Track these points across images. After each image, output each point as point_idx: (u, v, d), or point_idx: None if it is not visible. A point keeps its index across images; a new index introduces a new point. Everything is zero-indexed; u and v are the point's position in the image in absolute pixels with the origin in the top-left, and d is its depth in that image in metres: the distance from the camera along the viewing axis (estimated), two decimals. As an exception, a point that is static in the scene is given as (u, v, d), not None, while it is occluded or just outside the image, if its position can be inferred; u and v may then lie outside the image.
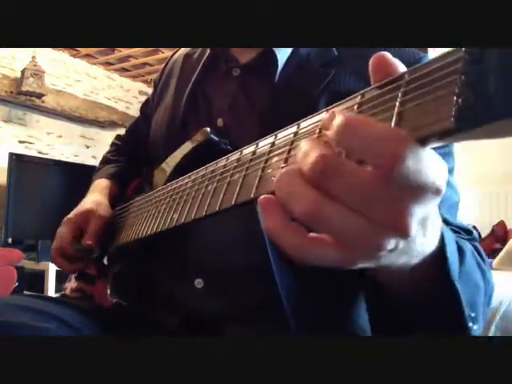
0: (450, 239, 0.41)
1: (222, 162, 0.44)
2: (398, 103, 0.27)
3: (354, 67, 0.61)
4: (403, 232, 0.27)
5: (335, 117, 0.27)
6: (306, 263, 0.30)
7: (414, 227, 0.27)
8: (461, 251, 0.45)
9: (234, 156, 0.42)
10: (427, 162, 0.26)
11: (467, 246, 0.49)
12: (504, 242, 2.85)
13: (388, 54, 0.30)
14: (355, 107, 0.30)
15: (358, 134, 0.26)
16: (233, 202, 0.38)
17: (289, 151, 0.34)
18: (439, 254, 0.38)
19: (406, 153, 0.25)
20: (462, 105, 0.23)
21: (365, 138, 0.26)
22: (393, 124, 0.27)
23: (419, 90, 0.26)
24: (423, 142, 0.26)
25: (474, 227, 3.22)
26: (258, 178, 0.36)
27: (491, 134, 0.24)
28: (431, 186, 0.26)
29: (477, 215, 3.41)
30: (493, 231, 3.07)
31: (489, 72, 0.23)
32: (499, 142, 3.29)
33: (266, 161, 0.37)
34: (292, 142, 0.35)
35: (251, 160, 0.39)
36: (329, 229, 0.28)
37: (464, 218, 3.23)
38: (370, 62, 0.30)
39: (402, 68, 0.29)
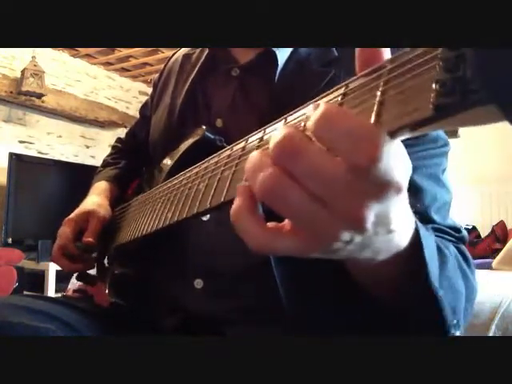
0: (430, 244, 0.40)
1: (214, 158, 0.44)
2: (379, 92, 0.27)
3: (354, 67, 0.61)
4: (359, 225, 0.27)
5: (317, 108, 0.27)
6: (262, 253, 0.30)
7: (370, 222, 0.27)
8: (442, 256, 0.45)
9: (225, 153, 0.42)
10: (395, 161, 0.26)
11: (450, 250, 0.49)
12: (504, 242, 2.85)
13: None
14: (339, 98, 0.30)
15: (336, 127, 0.26)
16: (222, 199, 0.38)
17: None
18: (417, 259, 0.38)
19: (382, 154, 0.25)
20: (440, 91, 0.23)
21: (342, 133, 0.26)
22: (373, 113, 0.26)
23: (400, 78, 0.26)
24: (406, 131, 0.25)
25: (474, 227, 3.23)
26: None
27: (472, 122, 0.24)
28: (395, 184, 0.26)
29: (477, 215, 3.41)
30: (493, 231, 3.07)
31: (467, 56, 0.22)
32: (499, 142, 3.30)
33: None
34: None
35: (240, 156, 0.39)
36: (286, 209, 0.28)
37: (464, 218, 3.23)
38: (357, 50, 0.30)
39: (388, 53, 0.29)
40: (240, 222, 0.30)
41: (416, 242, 0.37)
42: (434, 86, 0.23)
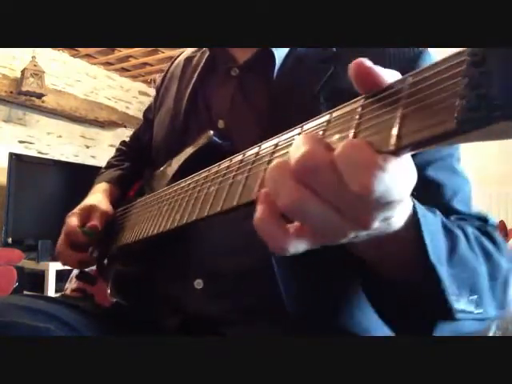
0: (431, 225, 0.41)
1: (225, 163, 0.44)
2: (401, 105, 0.27)
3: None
4: (366, 227, 0.30)
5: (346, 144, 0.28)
6: (284, 254, 0.32)
7: (376, 224, 0.30)
8: (452, 236, 0.45)
9: (237, 158, 0.42)
10: (397, 179, 0.28)
11: (467, 231, 0.48)
12: (504, 242, 2.85)
13: (366, 61, 0.30)
14: (359, 109, 0.30)
15: (353, 161, 0.27)
16: (234, 203, 0.38)
17: None
18: (417, 241, 0.39)
19: (376, 187, 0.27)
20: (464, 106, 0.23)
21: (355, 169, 0.27)
22: (396, 126, 0.27)
23: (423, 93, 0.26)
24: (424, 144, 0.26)
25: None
26: (259, 180, 0.36)
27: (493, 136, 0.24)
28: (397, 200, 0.29)
29: (477, 215, 3.40)
30: (493, 231, 3.07)
31: (491, 74, 0.23)
32: (499, 142, 3.29)
33: (269, 162, 0.36)
34: None
35: (254, 161, 0.39)
36: (307, 221, 0.30)
37: (464, 218, 3.23)
38: (351, 71, 0.31)
39: (385, 73, 0.30)
40: (265, 227, 0.31)
41: (413, 220, 0.38)
42: (458, 101, 0.24)
